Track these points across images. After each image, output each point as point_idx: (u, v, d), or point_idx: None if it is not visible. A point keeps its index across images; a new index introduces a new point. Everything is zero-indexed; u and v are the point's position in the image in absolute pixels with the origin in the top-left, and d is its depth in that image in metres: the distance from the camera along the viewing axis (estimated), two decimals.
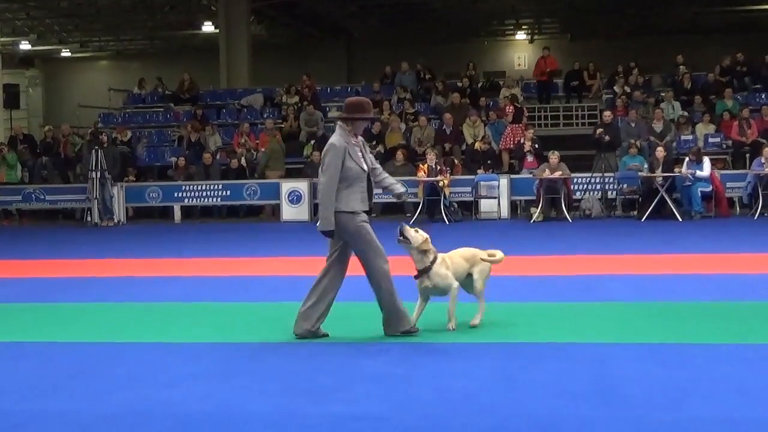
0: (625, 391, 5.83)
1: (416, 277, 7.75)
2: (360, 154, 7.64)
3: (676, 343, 7.18)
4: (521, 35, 39.14)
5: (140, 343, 7.72)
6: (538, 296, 9.74)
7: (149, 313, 9.24)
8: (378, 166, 7.98)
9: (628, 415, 5.34)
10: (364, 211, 7.61)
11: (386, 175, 8.03)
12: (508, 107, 23.05)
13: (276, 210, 21.83)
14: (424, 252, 7.72)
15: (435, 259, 7.74)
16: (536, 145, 21.09)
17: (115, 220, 21.23)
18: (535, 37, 38.73)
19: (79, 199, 22.06)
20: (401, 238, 7.71)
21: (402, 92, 25.47)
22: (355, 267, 7.73)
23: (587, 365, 6.54)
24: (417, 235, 7.71)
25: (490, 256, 8.12)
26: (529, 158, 20.99)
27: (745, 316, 8.34)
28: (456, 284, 7.77)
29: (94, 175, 20.69)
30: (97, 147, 20.82)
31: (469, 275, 7.99)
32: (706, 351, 6.92)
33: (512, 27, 38.40)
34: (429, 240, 7.77)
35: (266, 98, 27.72)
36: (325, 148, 7.64)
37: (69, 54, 41.34)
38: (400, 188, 8.06)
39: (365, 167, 7.63)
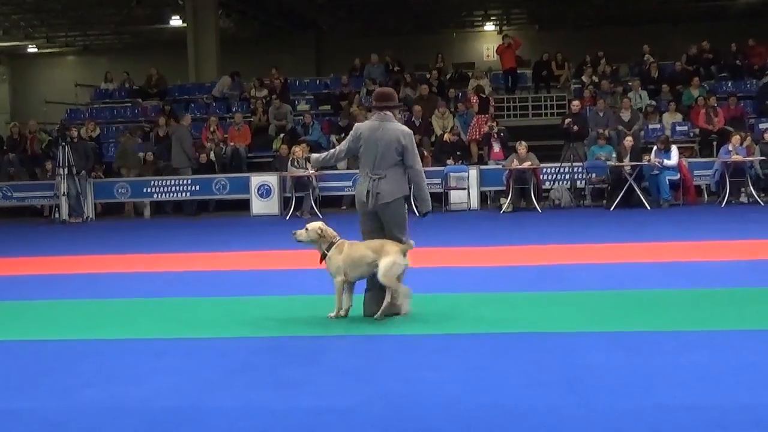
0: (593, 380, 5.84)
1: (320, 262, 8.15)
2: None
3: (643, 331, 7.21)
4: (489, 26, 39.17)
5: (107, 339, 7.64)
6: (506, 286, 9.75)
7: (116, 309, 9.14)
8: None
9: (596, 404, 5.35)
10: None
11: None
12: (473, 98, 23.09)
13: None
14: (320, 240, 8.09)
15: (331, 245, 8.06)
16: (502, 134, 21.15)
17: (84, 217, 21.06)
18: (504, 27, 38.72)
19: (46, 196, 21.92)
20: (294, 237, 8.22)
21: (371, 84, 25.41)
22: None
23: (555, 355, 6.55)
24: (302, 231, 8.12)
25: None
26: (496, 148, 21.05)
27: (712, 303, 8.39)
28: (340, 277, 7.96)
29: (61, 172, 20.52)
30: (64, 143, 20.64)
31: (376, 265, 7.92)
32: (674, 338, 6.95)
33: (480, 18, 38.42)
34: (320, 228, 8.09)
35: (232, 75, 27.53)
36: (408, 136, 8.07)
37: (35, 50, 41.00)
38: None
39: None
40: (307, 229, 8.09)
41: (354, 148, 8.20)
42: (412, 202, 8.66)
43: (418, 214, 8.23)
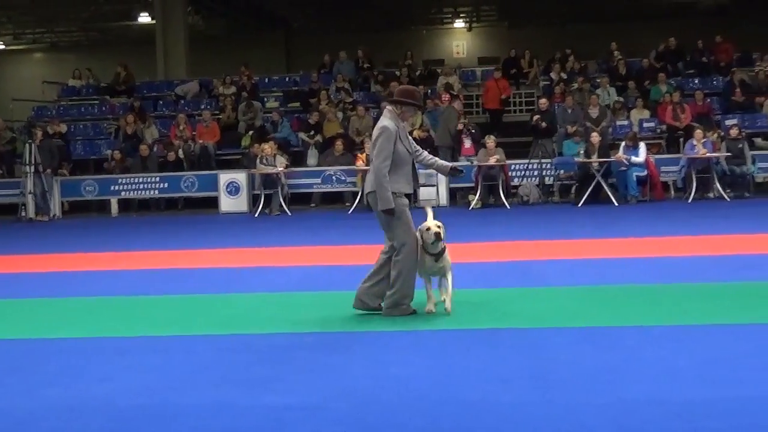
0: (558, 375, 5.88)
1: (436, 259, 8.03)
2: (408, 137, 8.16)
3: (608, 326, 7.27)
4: (459, 23, 39.26)
5: (72, 338, 7.60)
6: (474, 283, 9.76)
7: (82, 307, 9.11)
8: (419, 148, 8.47)
9: (560, 399, 5.38)
10: (407, 194, 8.10)
11: (430, 156, 8.68)
12: (443, 95, 23.15)
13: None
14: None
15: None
16: (473, 130, 21.23)
17: (51, 215, 20.91)
18: (473, 24, 38.89)
19: (13, 194, 21.76)
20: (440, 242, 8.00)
21: (341, 81, 25.40)
22: (297, 258, 7.71)
23: (520, 350, 6.59)
24: (439, 228, 8.01)
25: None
26: (467, 144, 21.11)
27: (677, 298, 8.46)
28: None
29: (28, 170, 20.39)
30: (30, 141, 20.51)
31: None
32: (638, 333, 7.00)
33: (450, 15, 38.51)
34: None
35: (202, 86, 27.48)
36: (377, 132, 7.95)
37: (2, 47, 40.66)
38: (447, 165, 8.82)
39: (411, 150, 8.12)
40: (439, 227, 8.00)
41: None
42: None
43: None
